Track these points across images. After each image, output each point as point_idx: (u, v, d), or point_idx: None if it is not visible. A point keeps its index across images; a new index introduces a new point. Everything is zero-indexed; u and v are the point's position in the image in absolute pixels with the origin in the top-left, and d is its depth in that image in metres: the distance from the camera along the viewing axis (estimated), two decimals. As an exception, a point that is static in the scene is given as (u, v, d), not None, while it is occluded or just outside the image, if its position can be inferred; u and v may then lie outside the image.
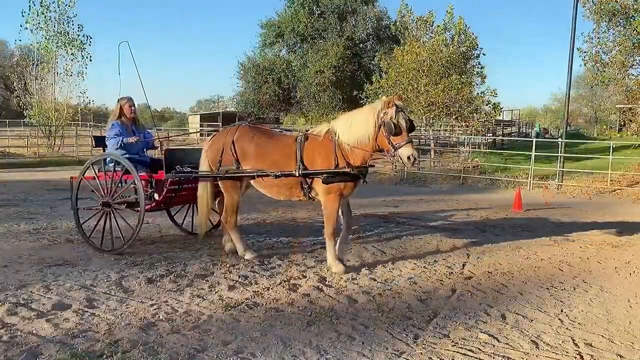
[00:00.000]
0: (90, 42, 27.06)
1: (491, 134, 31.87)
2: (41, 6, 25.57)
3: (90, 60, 27.09)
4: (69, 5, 26.12)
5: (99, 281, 5.19)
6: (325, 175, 5.64)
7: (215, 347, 3.73)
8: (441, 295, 5.17)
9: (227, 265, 5.91)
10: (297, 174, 5.70)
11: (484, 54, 22.99)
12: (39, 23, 26.04)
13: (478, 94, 22.14)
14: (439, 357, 3.73)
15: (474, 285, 5.54)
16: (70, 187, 6.79)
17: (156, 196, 6.49)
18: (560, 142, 16.61)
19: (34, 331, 3.91)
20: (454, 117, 21.86)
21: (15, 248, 6.51)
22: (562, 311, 4.82)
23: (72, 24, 26.61)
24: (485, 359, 3.73)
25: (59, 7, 25.93)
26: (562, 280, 5.84)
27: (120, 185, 6.44)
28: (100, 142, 7.12)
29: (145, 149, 7.07)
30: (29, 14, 25.66)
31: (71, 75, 26.80)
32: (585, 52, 19.78)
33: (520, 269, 6.27)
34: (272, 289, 5.16)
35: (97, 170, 6.54)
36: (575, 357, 3.81)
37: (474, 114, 21.14)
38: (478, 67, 23.17)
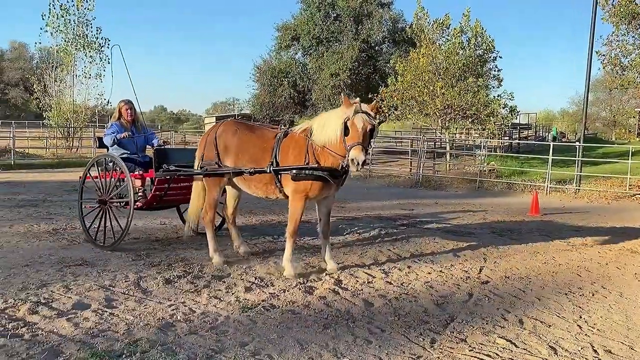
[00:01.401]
0: (108, 44, 27.40)
1: (507, 138, 31.63)
2: (61, 9, 25.93)
3: (109, 63, 27.40)
4: (88, 9, 26.49)
5: (117, 281, 5.24)
6: (295, 172, 5.51)
7: (233, 348, 3.75)
8: (458, 299, 5.15)
9: (244, 267, 5.94)
10: (268, 170, 5.63)
11: (500, 57, 22.85)
12: (59, 26, 26.41)
13: (495, 97, 21.99)
14: (456, 362, 3.71)
15: (491, 289, 5.51)
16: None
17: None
18: (578, 146, 16.41)
19: (55, 330, 3.97)
20: (470, 120, 21.73)
21: (36, 248, 6.60)
22: (580, 317, 4.77)
23: (91, 27, 26.99)
24: (502, 364, 3.70)
25: (78, 10, 26.28)
26: (581, 285, 5.78)
27: (117, 184, 6.75)
28: (103, 143, 7.32)
29: (145, 149, 7.32)
30: (49, 17, 26.06)
31: (89, 77, 27.13)
32: (604, 55, 19.54)
33: (537, 274, 6.22)
34: (288, 291, 5.18)
35: (98, 170, 6.91)
36: (595, 364, 3.77)
37: (491, 117, 20.97)
38: (495, 70, 23.02)
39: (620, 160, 20.19)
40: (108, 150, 7.10)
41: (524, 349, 3.99)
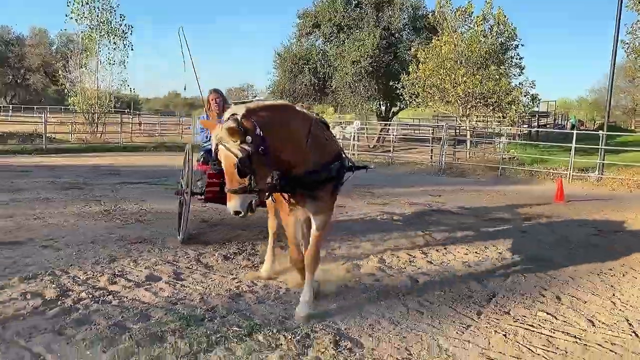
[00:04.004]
0: (131, 31, 27.91)
1: (526, 126, 31.65)
2: (86, -4, 26.39)
3: (132, 50, 27.94)
4: (112, -5, 26.92)
5: (179, 257, 5.67)
6: None
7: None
8: (496, 277, 5.50)
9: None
10: None
11: (522, 45, 22.85)
12: (84, 13, 26.89)
13: (516, 85, 22.09)
14: (504, 331, 4.08)
15: (525, 269, 5.84)
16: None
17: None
18: (601, 135, 16.56)
19: (137, 298, 4.40)
20: (491, 108, 21.86)
21: (94, 227, 7.04)
22: (614, 295, 5.11)
23: (115, 14, 27.45)
24: (546, 334, 4.06)
25: (102, -4, 26.72)
26: (612, 267, 6.09)
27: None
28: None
29: None
30: (74, 3, 26.52)
31: (114, 64, 27.61)
32: (627, 43, 19.63)
33: (568, 256, 6.54)
34: (337, 269, 5.55)
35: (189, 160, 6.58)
36: (631, 335, 4.11)
37: (512, 105, 21.10)
38: (516, 58, 23.05)
39: (641, 149, 20.28)
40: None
41: (564, 321, 4.34)
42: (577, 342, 3.93)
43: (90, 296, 4.35)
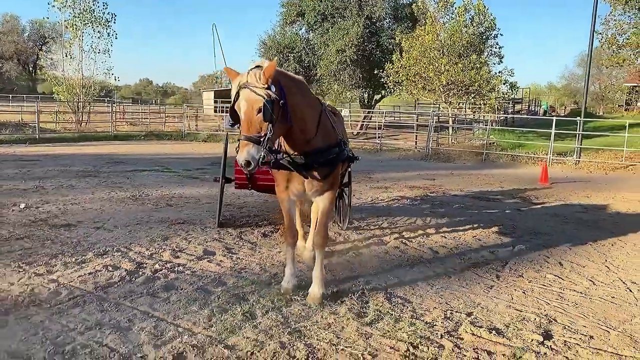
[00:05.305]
0: (114, 19, 27.92)
1: (502, 112, 32.79)
2: (68, -16, 26.29)
3: (116, 38, 28.00)
4: (95, -16, 26.87)
5: (223, 235, 6.29)
6: None
7: (349, 280, 4.84)
8: (505, 248, 6.28)
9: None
10: None
11: (501, 34, 23.80)
12: (66, 1, 26.81)
13: (496, 73, 23.04)
14: (522, 289, 4.85)
15: (527, 241, 6.64)
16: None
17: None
18: (578, 121, 17.59)
19: (204, 268, 5.02)
20: (472, 95, 22.76)
21: (131, 211, 7.58)
22: (606, 261, 5.94)
23: (97, 2, 27.42)
24: (557, 291, 4.84)
25: (85, -15, 26.64)
26: (601, 238, 6.95)
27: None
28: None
29: None
30: (57, -9, 26.38)
31: (98, 52, 27.61)
32: (600, 33, 20.73)
33: (562, 230, 7.38)
34: (363, 242, 6.26)
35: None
36: (626, 290, 4.93)
37: (492, 93, 22.06)
38: (496, 47, 23.99)
39: (612, 134, 21.51)
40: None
41: (570, 282, 5.13)
42: (583, 296, 4.72)
43: (163, 267, 4.97)
